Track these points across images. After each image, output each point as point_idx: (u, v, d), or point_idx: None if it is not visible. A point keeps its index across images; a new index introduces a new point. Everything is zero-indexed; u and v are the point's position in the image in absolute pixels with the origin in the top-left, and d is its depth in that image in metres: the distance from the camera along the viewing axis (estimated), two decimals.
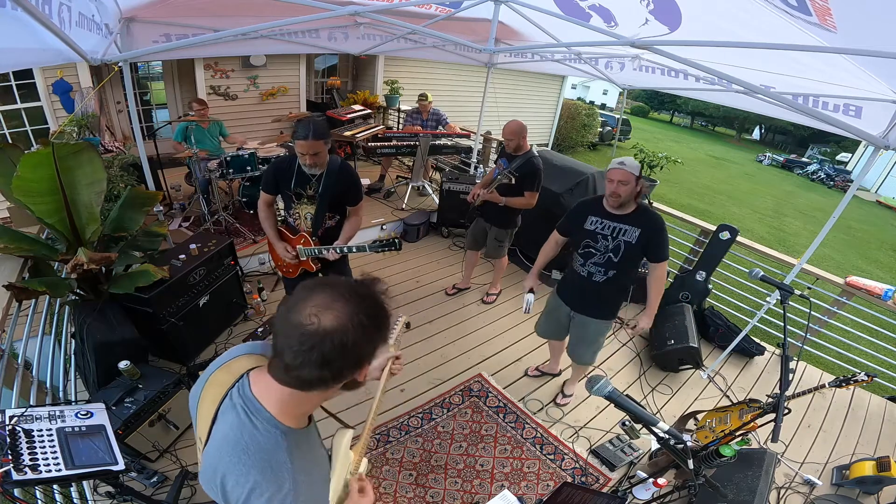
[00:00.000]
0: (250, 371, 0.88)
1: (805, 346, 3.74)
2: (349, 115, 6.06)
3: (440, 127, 5.55)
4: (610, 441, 2.70)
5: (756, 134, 39.94)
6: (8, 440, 1.45)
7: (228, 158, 4.17)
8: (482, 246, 3.71)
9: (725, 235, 3.72)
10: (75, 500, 1.94)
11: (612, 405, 1.55)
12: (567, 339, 2.79)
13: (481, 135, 5.79)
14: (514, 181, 3.14)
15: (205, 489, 0.84)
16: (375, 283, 0.82)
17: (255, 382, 0.85)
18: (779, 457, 2.55)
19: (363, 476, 1.15)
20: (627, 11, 2.67)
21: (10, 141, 4.97)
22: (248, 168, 4.27)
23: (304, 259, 2.49)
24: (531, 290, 2.58)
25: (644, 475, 2.40)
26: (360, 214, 2.53)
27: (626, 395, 1.58)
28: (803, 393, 2.49)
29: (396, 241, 2.30)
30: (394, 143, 5.36)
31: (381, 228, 4.94)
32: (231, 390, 0.86)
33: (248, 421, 0.80)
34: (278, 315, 0.77)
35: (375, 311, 0.78)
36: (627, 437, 2.68)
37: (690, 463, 1.54)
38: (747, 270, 2.63)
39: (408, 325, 1.55)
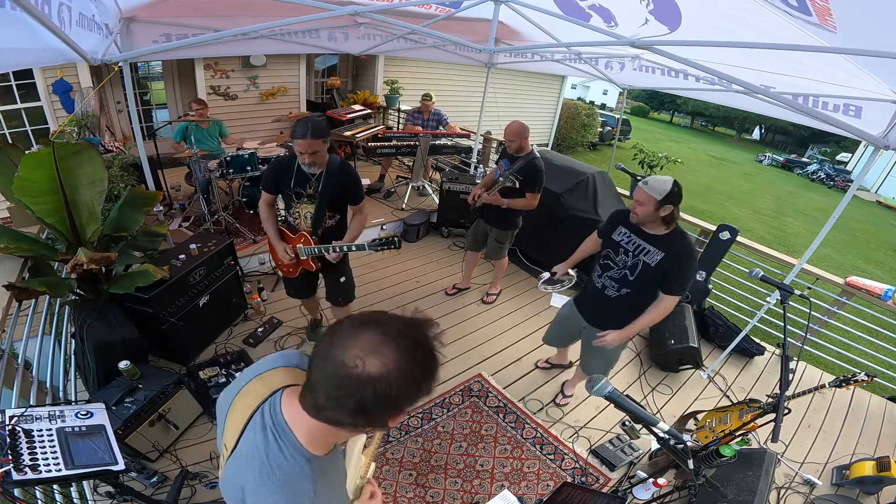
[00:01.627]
0: (284, 389, 0.84)
1: (805, 346, 3.74)
2: (349, 115, 6.06)
3: (440, 127, 5.55)
4: (610, 441, 2.70)
5: (756, 134, 39.95)
6: (8, 440, 1.45)
7: (228, 158, 4.17)
8: (482, 247, 3.71)
9: (725, 235, 3.72)
10: (75, 500, 1.94)
11: (612, 405, 1.55)
12: (564, 347, 2.74)
13: (481, 135, 5.79)
14: (516, 184, 3.14)
15: (225, 498, 0.83)
16: (429, 326, 0.74)
17: (286, 404, 0.81)
18: (779, 457, 2.55)
19: (371, 480, 1.15)
20: (627, 11, 2.67)
21: (10, 141, 4.96)
22: (248, 168, 4.27)
23: (304, 258, 2.50)
24: (552, 273, 2.53)
25: (644, 475, 2.40)
26: (364, 213, 2.53)
27: (626, 395, 1.58)
28: (803, 393, 2.49)
29: (396, 239, 2.29)
30: (394, 143, 5.37)
31: (381, 228, 4.94)
32: (263, 405, 0.83)
33: (276, 444, 0.78)
34: (319, 347, 0.72)
35: (426, 360, 0.71)
36: (627, 437, 2.68)
37: (690, 463, 1.54)
38: (747, 270, 2.63)
39: None
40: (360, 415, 0.69)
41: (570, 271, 2.57)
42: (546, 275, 2.57)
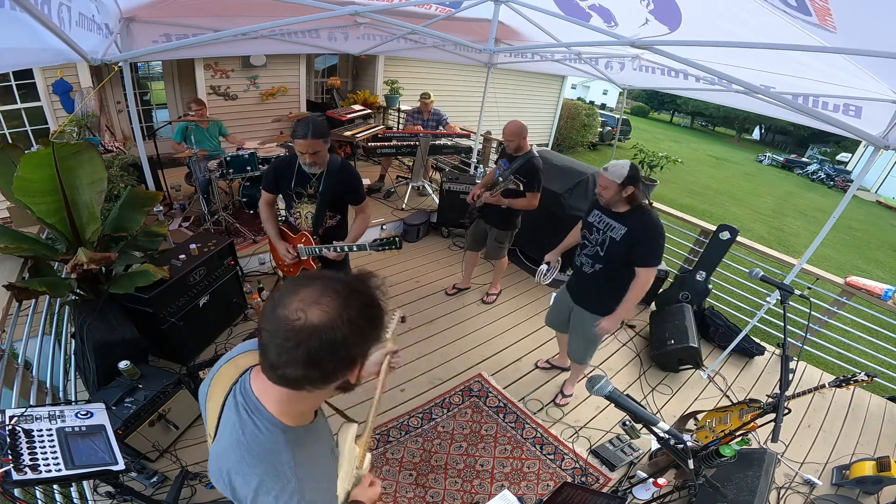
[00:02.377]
0: (252, 368, 0.87)
1: (805, 346, 3.74)
2: (349, 115, 6.06)
3: (440, 127, 5.54)
4: (610, 441, 2.70)
5: (756, 134, 39.95)
6: (8, 440, 1.45)
7: (228, 158, 4.17)
8: (482, 246, 3.71)
9: (725, 235, 3.72)
10: (75, 500, 1.94)
11: (612, 405, 1.55)
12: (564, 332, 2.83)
13: (481, 135, 5.79)
14: (520, 186, 3.15)
15: (215, 484, 0.84)
16: (369, 277, 0.78)
17: (254, 380, 0.83)
18: (779, 457, 2.55)
19: (369, 474, 1.16)
20: (627, 11, 2.67)
21: (10, 141, 4.96)
22: (248, 168, 4.27)
23: (305, 258, 2.50)
24: (546, 263, 2.69)
25: (644, 475, 2.40)
26: (367, 212, 2.53)
27: (626, 395, 1.58)
28: (803, 393, 2.49)
29: (397, 239, 2.30)
30: (394, 143, 5.36)
31: (382, 228, 4.94)
32: (234, 386, 0.85)
33: (249, 419, 0.79)
34: (264, 310, 0.73)
35: (369, 307, 0.73)
36: (627, 437, 2.68)
37: (690, 463, 1.54)
38: (747, 270, 2.63)
39: (403, 319, 1.52)
40: (314, 367, 0.70)
41: (544, 266, 2.73)
42: (543, 267, 2.71)
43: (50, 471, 1.46)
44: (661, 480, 2.14)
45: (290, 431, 0.80)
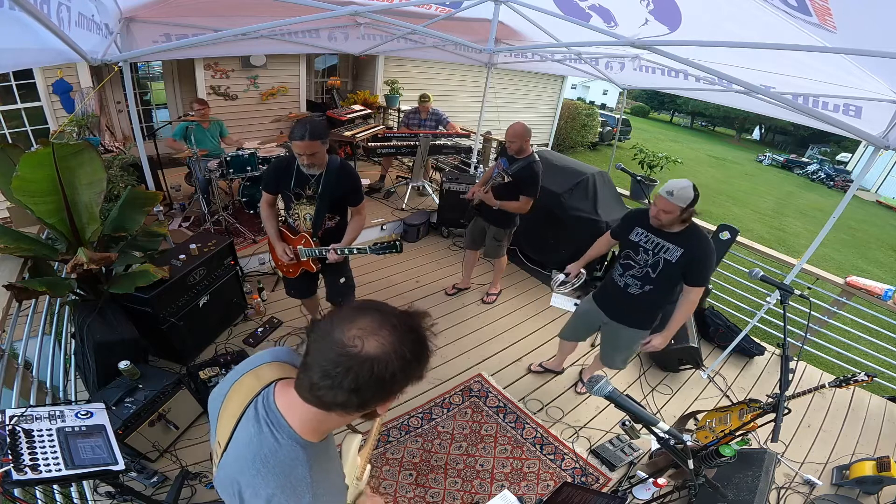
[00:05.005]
0: (278, 381, 0.86)
1: (805, 346, 3.74)
2: (349, 115, 6.06)
3: (440, 127, 5.54)
4: (610, 441, 2.70)
5: (756, 134, 39.94)
6: (8, 440, 1.45)
7: (228, 158, 4.17)
8: (481, 245, 3.70)
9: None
10: (75, 500, 1.94)
11: (612, 405, 1.55)
12: (580, 341, 2.82)
13: (481, 135, 5.79)
14: (506, 179, 3.13)
15: (221, 496, 0.83)
16: (423, 316, 0.79)
17: (280, 395, 0.83)
18: (779, 457, 2.55)
19: (369, 485, 1.15)
20: (627, 11, 2.67)
21: (10, 141, 4.97)
22: (249, 168, 4.27)
23: (304, 259, 2.49)
24: (565, 274, 2.59)
25: (644, 475, 2.40)
26: (363, 214, 2.52)
27: (626, 395, 1.58)
28: (803, 393, 2.49)
29: (397, 243, 2.28)
30: (394, 143, 5.36)
31: (382, 228, 4.94)
32: (256, 398, 0.84)
33: (270, 433, 0.79)
34: (318, 330, 0.73)
35: (420, 346, 0.74)
36: (627, 437, 2.68)
37: (690, 463, 1.54)
38: (747, 270, 2.63)
39: None
40: (354, 394, 0.70)
41: (555, 272, 2.66)
42: (560, 276, 2.61)
43: (50, 471, 1.46)
44: (661, 480, 2.13)
45: (310, 447, 0.80)
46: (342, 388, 0.69)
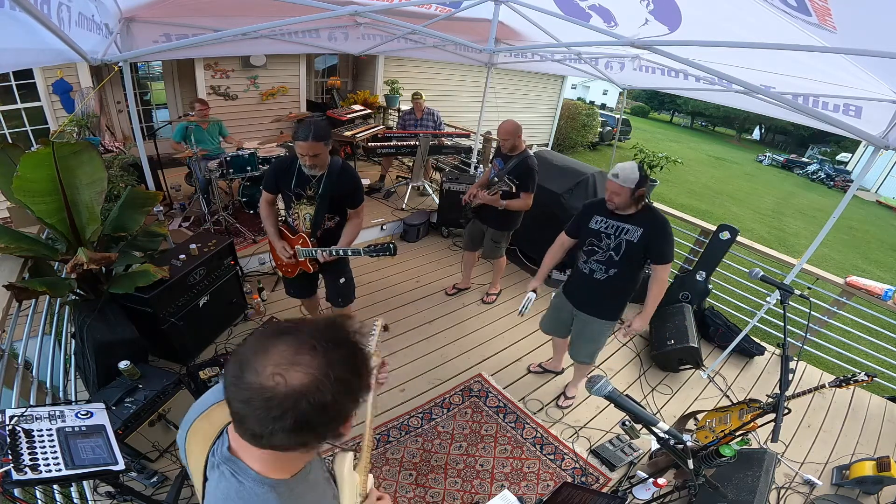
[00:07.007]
0: (229, 426, 0.80)
1: (805, 346, 3.74)
2: (349, 115, 6.06)
3: (437, 129, 5.54)
4: (610, 441, 2.70)
5: (756, 134, 39.95)
6: (8, 440, 1.45)
7: (228, 158, 4.17)
8: (479, 246, 3.70)
9: (725, 235, 3.72)
10: (75, 500, 1.94)
11: (612, 405, 1.55)
12: (560, 337, 2.82)
13: (481, 135, 5.79)
14: (513, 189, 3.15)
15: None
16: (345, 322, 0.69)
17: (234, 440, 0.77)
18: (779, 457, 2.55)
19: (374, 490, 1.11)
20: (627, 11, 2.67)
21: (10, 141, 4.97)
22: (249, 168, 4.27)
23: (302, 259, 2.49)
24: (534, 291, 2.59)
25: (644, 475, 2.40)
26: (360, 216, 2.52)
27: (626, 395, 1.58)
28: (803, 393, 2.49)
29: (391, 245, 2.26)
30: (394, 143, 5.37)
31: (382, 228, 4.94)
32: (213, 448, 0.80)
33: (235, 481, 0.74)
34: (228, 375, 0.63)
35: (352, 356, 0.66)
36: (627, 437, 2.68)
37: (690, 463, 1.54)
38: (747, 270, 2.63)
39: (385, 328, 1.44)
40: (306, 432, 0.63)
41: (555, 272, 2.64)
42: (531, 296, 2.58)
43: (50, 471, 1.46)
44: (661, 480, 2.14)
45: (282, 485, 0.74)
46: (287, 431, 0.61)
